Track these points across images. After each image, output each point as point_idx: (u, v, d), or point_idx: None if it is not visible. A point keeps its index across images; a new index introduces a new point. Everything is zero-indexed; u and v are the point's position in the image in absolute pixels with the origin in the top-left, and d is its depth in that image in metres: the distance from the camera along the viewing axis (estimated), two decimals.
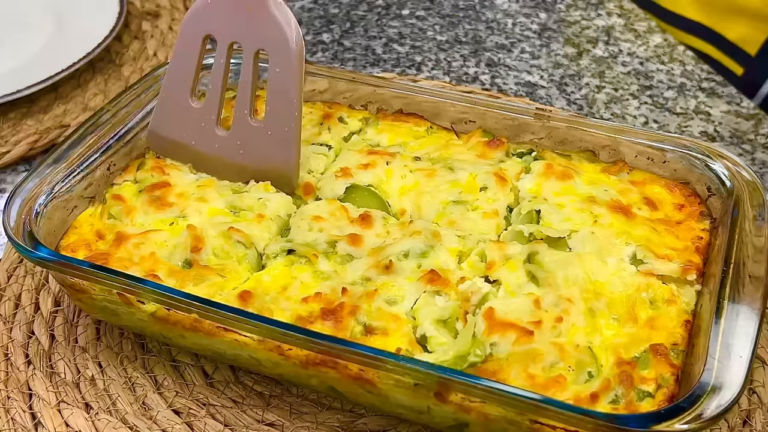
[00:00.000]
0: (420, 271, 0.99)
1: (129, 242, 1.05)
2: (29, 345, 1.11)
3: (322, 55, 1.73)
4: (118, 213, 1.11)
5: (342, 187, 1.13)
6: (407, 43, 1.77)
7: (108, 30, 1.62)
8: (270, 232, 1.09)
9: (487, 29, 1.81)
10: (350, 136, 1.26)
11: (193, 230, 1.06)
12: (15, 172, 1.42)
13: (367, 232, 1.06)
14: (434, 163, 1.18)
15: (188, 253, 1.04)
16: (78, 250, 1.07)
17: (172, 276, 1.01)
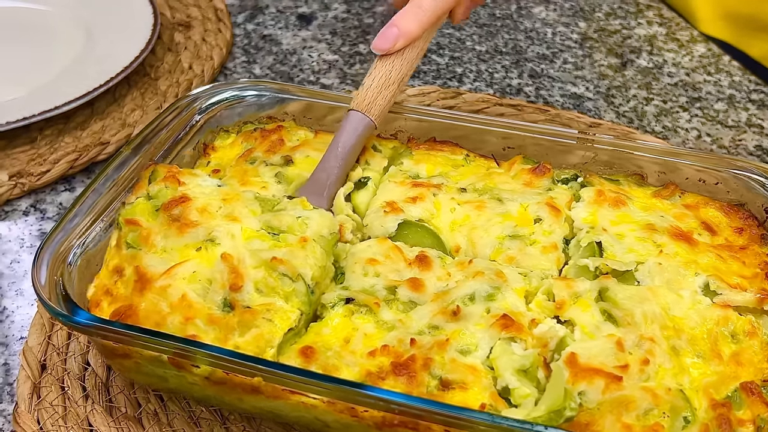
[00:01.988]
0: (490, 316, 0.92)
1: (154, 286, 0.93)
2: (86, 377, 1.06)
3: (360, 67, 1.69)
4: (135, 240, 0.98)
5: (393, 224, 1.06)
6: (446, 53, 1.73)
7: (143, 42, 1.57)
8: (315, 257, 0.98)
9: (527, 39, 1.77)
10: (388, 167, 1.19)
11: (229, 261, 0.94)
12: (54, 192, 1.37)
13: (427, 274, 0.98)
14: (481, 194, 1.11)
15: (227, 291, 0.93)
16: (101, 302, 0.94)
17: (213, 325, 0.90)
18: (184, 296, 0.92)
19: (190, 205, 1.01)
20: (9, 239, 1.28)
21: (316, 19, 1.84)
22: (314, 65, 1.69)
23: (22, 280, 1.21)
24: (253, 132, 1.24)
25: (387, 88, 1.14)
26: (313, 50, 1.73)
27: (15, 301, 1.18)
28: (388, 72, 1.15)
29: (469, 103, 1.52)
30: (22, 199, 1.35)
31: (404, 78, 1.16)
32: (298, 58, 1.71)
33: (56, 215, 1.32)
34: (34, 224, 1.30)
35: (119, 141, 1.43)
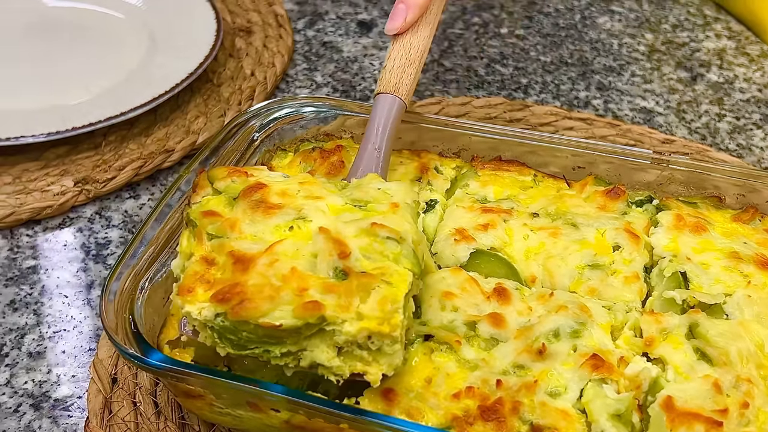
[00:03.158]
0: (578, 355, 0.89)
1: (257, 263, 0.86)
2: (157, 393, 1.05)
3: (422, 76, 1.66)
4: (218, 230, 0.92)
5: (465, 253, 1.03)
6: (510, 64, 1.70)
7: (207, 48, 1.56)
8: (409, 221, 0.93)
9: (592, 50, 1.73)
10: (454, 190, 1.16)
11: (328, 233, 0.88)
12: (119, 199, 1.36)
13: (507, 309, 0.95)
14: (554, 219, 1.08)
15: (335, 259, 0.86)
16: (194, 288, 0.86)
17: (330, 293, 0.83)
18: (294, 269, 0.85)
19: (269, 191, 0.95)
20: (75, 247, 1.27)
21: (377, 26, 1.82)
22: (376, 74, 1.66)
23: (89, 290, 1.20)
24: (312, 152, 1.21)
25: (410, 66, 1.14)
26: (375, 58, 1.71)
27: (82, 311, 1.17)
28: (407, 50, 1.14)
29: (537, 115, 1.49)
30: (87, 205, 1.34)
31: (423, 54, 1.16)
32: (360, 66, 1.69)
33: (121, 223, 1.31)
34: (100, 232, 1.29)
35: (184, 148, 1.42)
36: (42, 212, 1.30)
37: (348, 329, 0.82)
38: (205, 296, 0.85)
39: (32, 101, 1.47)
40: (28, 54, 1.61)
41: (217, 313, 0.84)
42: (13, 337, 1.14)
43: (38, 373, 1.09)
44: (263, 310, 0.82)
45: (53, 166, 1.38)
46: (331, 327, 0.82)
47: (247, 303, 0.82)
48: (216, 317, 0.84)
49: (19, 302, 1.18)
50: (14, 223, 1.29)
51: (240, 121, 1.20)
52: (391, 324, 0.83)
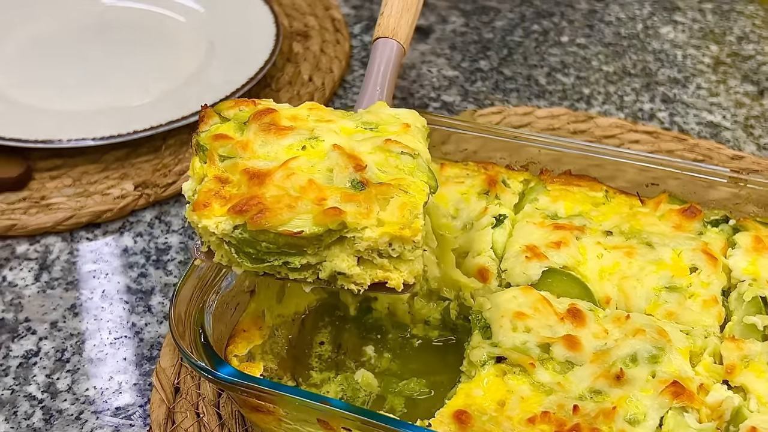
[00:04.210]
0: (657, 381, 0.87)
1: (274, 176, 0.85)
2: (220, 404, 1.03)
3: (482, 84, 1.64)
4: (230, 151, 0.90)
5: (537, 271, 1.01)
6: (572, 73, 1.67)
7: (266, 52, 1.55)
8: (421, 142, 0.94)
9: (656, 61, 1.70)
10: (522, 204, 1.13)
11: (342, 149, 0.88)
12: (179, 204, 1.35)
13: (582, 331, 0.93)
14: (628, 237, 1.05)
15: (351, 172, 0.86)
16: (210, 203, 0.85)
17: (350, 201, 0.83)
18: (312, 181, 0.86)
19: (279, 115, 0.94)
20: (135, 251, 1.26)
21: (434, 32, 1.79)
22: (434, 81, 1.64)
23: (149, 296, 1.19)
24: None
25: (407, 11, 1.15)
26: (433, 65, 1.69)
27: (143, 318, 1.16)
28: None
29: (601, 128, 1.46)
30: (147, 210, 1.34)
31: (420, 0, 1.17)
32: (418, 73, 1.67)
33: (180, 229, 1.30)
34: (160, 237, 1.29)
35: None
36: (102, 216, 1.30)
37: (369, 235, 0.83)
38: (222, 210, 0.84)
39: (92, 102, 1.47)
40: (86, 54, 1.61)
41: (235, 226, 0.84)
42: (74, 342, 1.13)
43: (99, 380, 1.08)
44: (283, 218, 0.82)
45: (113, 169, 1.38)
46: (352, 234, 0.83)
47: (267, 212, 0.82)
48: (234, 230, 0.84)
49: (79, 307, 1.18)
50: (74, 226, 1.29)
51: None
52: (412, 228, 0.83)
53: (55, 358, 1.11)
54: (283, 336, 1.06)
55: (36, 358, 1.11)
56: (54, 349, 1.12)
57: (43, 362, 1.10)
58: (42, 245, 1.27)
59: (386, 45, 1.13)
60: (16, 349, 1.12)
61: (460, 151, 1.21)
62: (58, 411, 1.04)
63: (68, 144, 1.33)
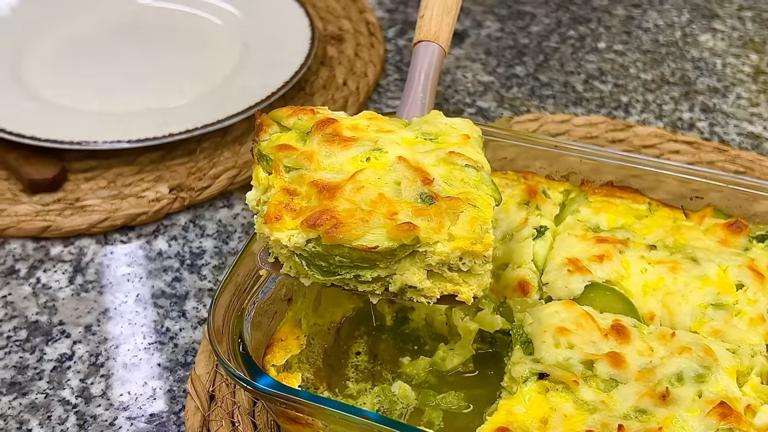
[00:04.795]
0: (704, 401, 0.85)
1: (344, 190, 0.86)
2: (256, 413, 1.02)
3: (518, 90, 1.62)
4: (295, 162, 0.90)
5: (579, 285, 0.99)
6: (609, 80, 1.65)
7: (301, 56, 1.54)
8: (479, 152, 0.95)
9: (695, 69, 1.67)
10: (563, 216, 1.11)
11: (407, 162, 0.89)
12: (213, 208, 1.35)
13: (626, 348, 0.91)
14: (672, 252, 1.03)
15: (420, 185, 0.87)
16: (282, 216, 0.85)
17: (421, 216, 0.84)
18: (382, 195, 0.87)
19: (340, 125, 0.94)
20: (169, 255, 1.26)
21: (469, 37, 1.78)
22: (469, 86, 1.63)
23: (184, 301, 1.19)
24: None
25: (448, 14, 1.13)
26: (468, 70, 1.67)
27: (177, 323, 1.16)
28: None
29: (640, 137, 1.44)
30: (181, 213, 1.33)
31: (459, 2, 1.16)
32: (453, 78, 1.65)
33: (215, 233, 1.29)
34: (194, 241, 1.28)
35: None
36: (137, 218, 1.29)
37: (441, 249, 0.84)
38: (294, 223, 0.85)
39: (127, 103, 1.47)
40: (121, 54, 1.61)
41: (308, 239, 0.85)
42: (108, 346, 1.13)
43: (134, 385, 1.08)
44: (357, 233, 0.83)
45: (148, 172, 1.37)
46: (424, 248, 0.84)
47: (341, 227, 0.83)
48: (307, 243, 0.85)
49: (113, 311, 1.17)
50: (108, 228, 1.28)
51: None
52: (483, 243, 0.85)
53: (90, 362, 1.10)
54: (319, 345, 1.05)
55: (70, 362, 1.10)
56: (88, 353, 1.12)
57: (77, 366, 1.10)
58: (76, 247, 1.27)
59: (428, 49, 1.11)
60: (50, 352, 1.12)
61: (498, 159, 1.20)
62: (92, 416, 1.04)
63: (103, 146, 1.33)
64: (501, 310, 1.02)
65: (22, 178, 1.33)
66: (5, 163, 1.36)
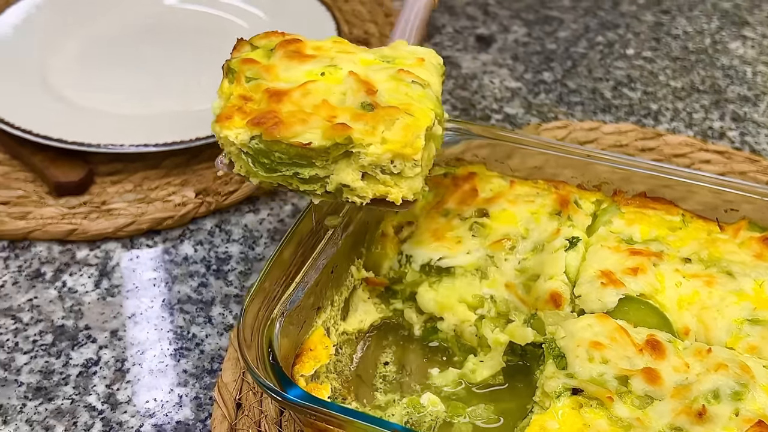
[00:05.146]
0: (740, 419, 0.83)
1: (291, 96, 0.94)
2: (283, 423, 1.01)
3: (545, 96, 1.60)
4: (256, 73, 0.99)
5: (613, 299, 0.97)
6: (638, 88, 1.63)
7: None
8: (433, 76, 1.02)
9: (725, 77, 1.65)
10: (596, 227, 1.09)
11: (357, 76, 0.96)
12: (239, 213, 1.34)
13: (662, 364, 0.89)
14: (707, 266, 1.01)
15: (363, 95, 0.94)
16: (233, 116, 0.94)
17: (359, 119, 0.92)
18: (325, 101, 0.94)
19: (304, 44, 1.02)
20: (195, 260, 1.25)
21: (496, 42, 1.76)
22: (496, 92, 1.61)
23: (210, 307, 1.18)
24: (444, 178, 1.17)
25: None
26: (495, 76, 1.66)
27: (204, 329, 1.15)
28: None
29: (671, 146, 1.42)
30: (207, 218, 1.32)
31: None
32: (479, 84, 1.64)
33: (241, 238, 1.28)
34: (220, 246, 1.27)
35: None
36: (163, 223, 1.29)
37: (373, 151, 0.91)
38: (242, 123, 0.94)
39: (152, 106, 1.46)
40: (146, 56, 1.60)
41: (252, 136, 0.93)
42: (134, 352, 1.12)
43: (160, 392, 1.07)
44: (295, 131, 0.91)
45: (174, 175, 1.37)
46: (358, 149, 0.91)
47: (281, 125, 0.92)
48: (251, 140, 0.93)
49: (139, 316, 1.17)
50: (135, 232, 1.28)
51: None
52: (413, 147, 0.91)
53: (115, 368, 1.10)
54: (347, 355, 1.04)
55: (96, 367, 1.10)
56: (114, 358, 1.11)
57: (103, 372, 1.09)
58: (102, 251, 1.26)
59: None
60: (75, 357, 1.11)
61: (528, 168, 1.19)
62: (118, 423, 1.03)
63: (129, 149, 1.32)
64: (532, 322, 1.01)
65: (48, 180, 1.32)
66: (31, 165, 1.36)
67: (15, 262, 1.24)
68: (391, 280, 1.09)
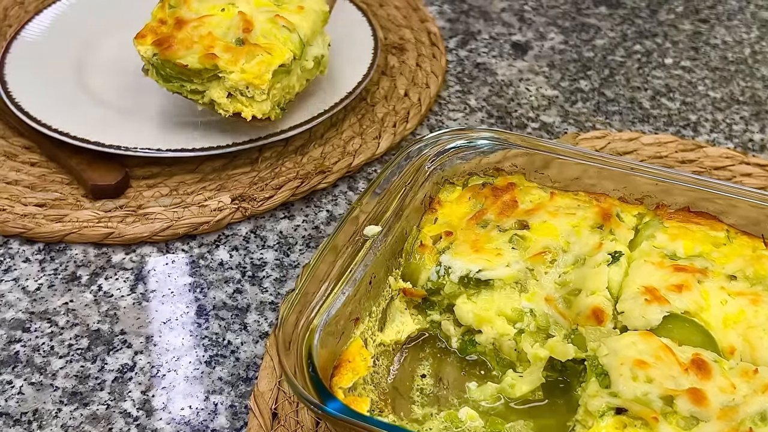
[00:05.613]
0: None
1: (188, 26, 1.28)
2: None
3: (582, 105, 1.59)
4: (177, 2, 1.33)
5: (657, 316, 0.95)
6: (677, 98, 1.61)
7: (364, 67, 1.52)
8: (308, 21, 1.34)
9: (765, 88, 1.62)
10: (638, 241, 1.07)
11: (244, 15, 1.29)
12: (274, 219, 1.33)
13: (707, 384, 0.87)
14: (752, 283, 1.00)
15: (240, 32, 1.27)
16: (146, 35, 1.31)
17: (228, 51, 1.25)
18: (210, 33, 1.28)
19: None
20: (230, 266, 1.25)
21: (532, 48, 1.75)
22: (533, 100, 1.60)
23: (245, 314, 1.18)
24: (482, 188, 1.16)
25: None
26: (531, 83, 1.64)
27: (239, 336, 1.14)
28: None
29: (711, 158, 1.40)
30: (242, 223, 1.32)
31: None
32: (515, 91, 1.62)
33: (276, 244, 1.28)
34: (255, 252, 1.27)
35: (340, 170, 1.38)
36: (199, 228, 1.28)
37: (233, 77, 1.24)
38: (150, 41, 1.30)
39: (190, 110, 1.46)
40: None
41: (154, 53, 1.29)
42: (169, 358, 1.12)
43: (195, 399, 1.07)
44: (179, 54, 1.26)
45: (210, 180, 1.36)
46: (223, 74, 1.25)
47: (171, 48, 1.26)
48: (153, 56, 1.29)
49: (174, 321, 1.16)
50: (170, 237, 1.28)
51: (413, 149, 1.15)
52: (261, 79, 1.24)
53: (151, 374, 1.10)
54: (384, 367, 1.03)
55: (131, 372, 1.10)
56: (149, 364, 1.11)
57: (138, 378, 1.09)
58: (138, 255, 1.26)
59: None
60: (111, 362, 1.11)
61: (569, 179, 1.17)
62: (153, 430, 1.03)
63: (167, 154, 1.32)
64: (572, 337, 0.99)
65: (84, 183, 1.33)
66: (68, 167, 1.36)
67: (51, 264, 1.24)
68: (429, 291, 1.07)
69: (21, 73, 1.49)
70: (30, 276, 1.23)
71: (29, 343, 1.13)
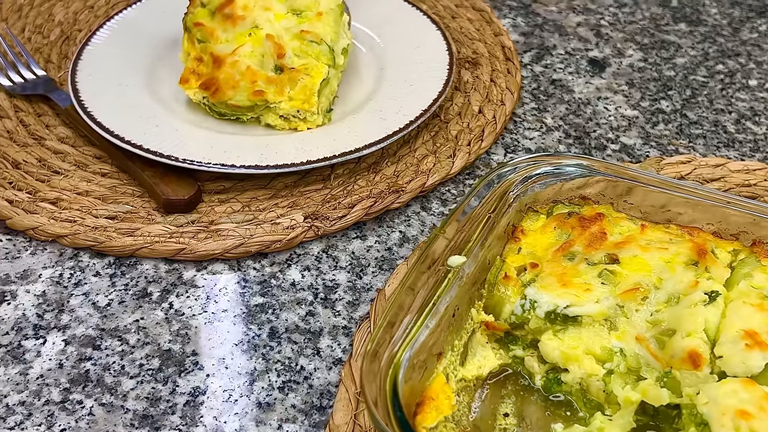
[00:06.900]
0: None
1: (226, 63, 1.35)
2: None
3: (664, 127, 1.53)
4: (204, 36, 1.39)
5: (759, 363, 0.90)
6: (763, 122, 1.54)
7: (440, 83, 1.47)
8: (330, 25, 1.40)
9: None
10: (735, 280, 1.02)
11: (272, 39, 1.36)
12: (346, 238, 1.30)
13: None
14: None
15: (275, 59, 1.36)
16: (189, 79, 1.39)
17: (271, 83, 1.35)
18: (249, 67, 1.35)
19: (235, 5, 1.39)
20: (303, 287, 1.22)
21: (610, 66, 1.69)
22: (612, 120, 1.54)
23: (318, 338, 1.14)
24: (568, 218, 1.11)
25: None
26: (609, 102, 1.59)
27: (312, 362, 1.11)
28: None
29: None
30: (314, 242, 1.29)
31: None
32: (593, 110, 1.57)
33: (348, 265, 1.25)
34: (327, 273, 1.24)
35: (413, 190, 1.35)
36: (271, 246, 1.26)
37: (284, 106, 1.36)
38: (196, 85, 1.38)
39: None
40: None
41: (204, 96, 1.38)
42: (242, 382, 1.09)
43: (268, 428, 1.04)
44: (228, 95, 1.36)
45: (282, 197, 1.34)
46: (274, 105, 1.36)
47: (219, 91, 1.36)
48: (203, 99, 1.38)
49: (247, 343, 1.14)
50: (243, 254, 1.25)
51: (498, 173, 1.11)
52: (309, 103, 1.35)
53: (223, 398, 1.07)
54: (465, 404, 0.99)
55: (203, 396, 1.07)
56: (221, 388, 1.08)
57: (210, 402, 1.07)
58: (209, 272, 1.24)
59: None
60: (183, 384, 1.09)
61: (652, 206, 1.13)
62: None
63: (240, 170, 1.30)
64: (665, 381, 0.94)
65: (157, 196, 1.31)
66: (140, 179, 1.34)
67: (121, 279, 1.23)
68: (512, 325, 1.03)
69: (92, 80, 1.48)
70: (101, 291, 1.21)
71: (100, 362, 1.11)
